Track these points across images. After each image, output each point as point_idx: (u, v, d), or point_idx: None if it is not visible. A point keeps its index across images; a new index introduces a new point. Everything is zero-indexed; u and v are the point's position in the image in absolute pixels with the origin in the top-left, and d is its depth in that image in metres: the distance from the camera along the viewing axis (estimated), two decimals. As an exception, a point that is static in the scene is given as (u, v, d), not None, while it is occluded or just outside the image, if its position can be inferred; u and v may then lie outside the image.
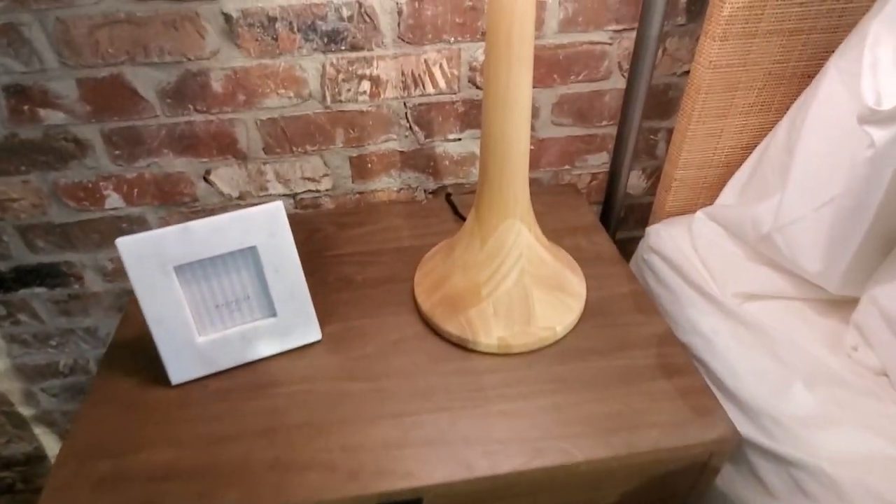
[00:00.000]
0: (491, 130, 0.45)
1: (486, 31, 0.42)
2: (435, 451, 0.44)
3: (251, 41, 0.62)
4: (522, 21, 0.39)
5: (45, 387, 0.92)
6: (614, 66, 0.70)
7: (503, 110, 0.43)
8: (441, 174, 0.76)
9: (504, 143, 0.45)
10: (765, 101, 0.68)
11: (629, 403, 0.47)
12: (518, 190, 0.49)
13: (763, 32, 0.62)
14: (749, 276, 0.62)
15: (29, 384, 0.91)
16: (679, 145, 0.72)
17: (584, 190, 0.81)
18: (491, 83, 0.43)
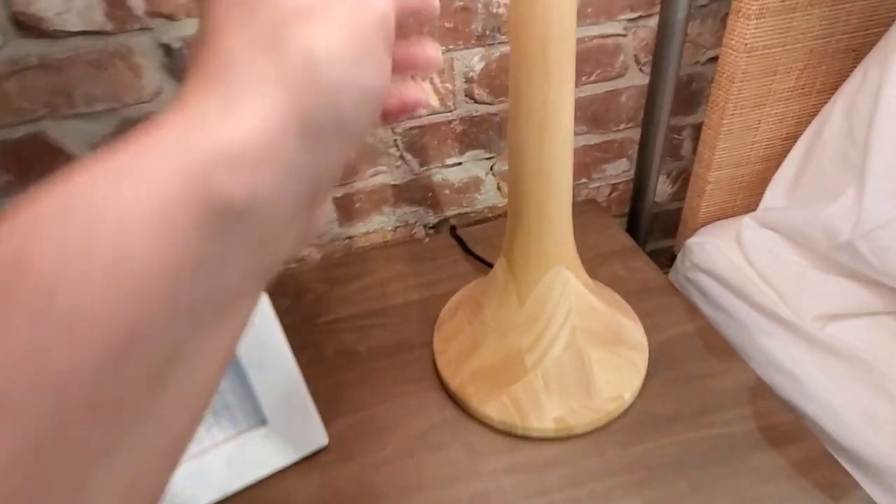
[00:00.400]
0: (523, 160, 0.35)
1: (511, 33, 0.31)
2: None
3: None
4: (562, 13, 0.29)
5: None
6: (630, 61, 0.60)
7: (539, 133, 0.33)
8: (442, 205, 0.66)
9: (542, 174, 0.35)
10: (806, 83, 0.59)
11: (737, 490, 0.36)
12: (562, 231, 0.38)
13: (804, 4, 0.53)
14: (827, 292, 0.52)
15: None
16: (711, 143, 0.62)
17: (605, 203, 0.71)
18: (521, 99, 0.32)
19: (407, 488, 0.39)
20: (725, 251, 0.60)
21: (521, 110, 0.32)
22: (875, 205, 0.47)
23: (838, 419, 0.45)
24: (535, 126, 0.33)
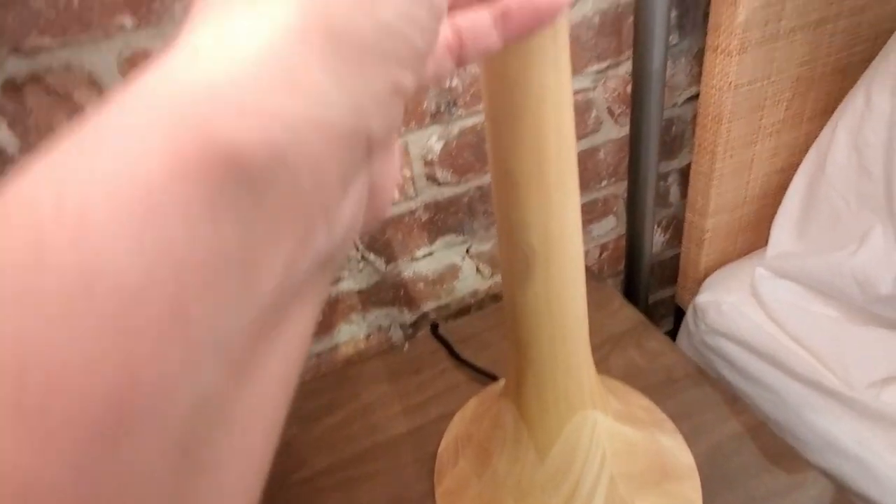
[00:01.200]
0: (525, 299, 0.27)
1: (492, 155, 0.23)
2: None
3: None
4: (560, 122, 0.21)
5: None
6: (604, 114, 0.53)
7: (545, 269, 0.25)
8: (417, 301, 0.57)
9: (551, 314, 0.27)
10: (796, 112, 0.54)
11: None
12: (584, 370, 0.30)
13: (786, 32, 0.48)
14: (873, 351, 0.45)
15: None
16: (704, 189, 0.56)
17: (595, 266, 0.64)
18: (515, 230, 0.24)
19: None
20: (744, 309, 0.53)
21: (515, 244, 0.24)
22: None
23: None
24: (537, 261, 0.25)
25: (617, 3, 0.47)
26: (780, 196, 0.57)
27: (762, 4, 0.45)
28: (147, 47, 0.36)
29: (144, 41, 0.36)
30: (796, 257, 0.52)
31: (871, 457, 0.41)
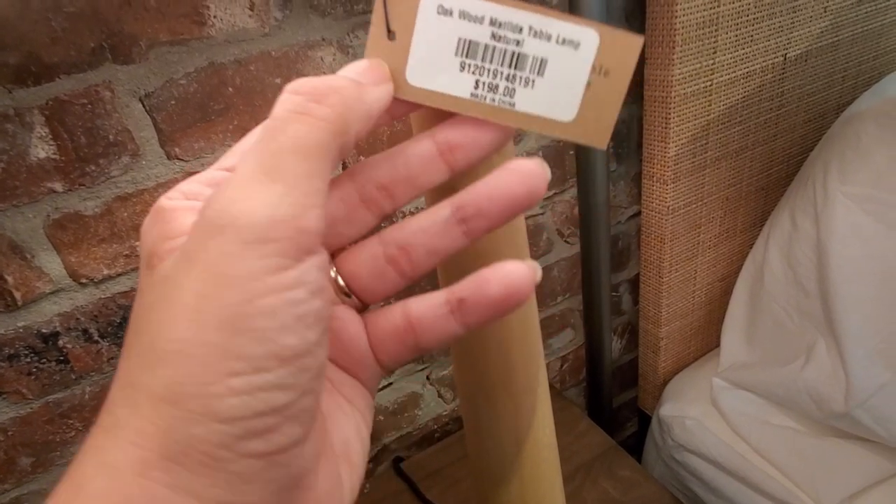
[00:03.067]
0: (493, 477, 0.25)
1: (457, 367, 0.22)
2: None
3: (20, 378, 0.37)
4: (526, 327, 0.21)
5: None
6: (554, 236, 0.55)
7: (518, 474, 0.23)
8: (377, 434, 0.53)
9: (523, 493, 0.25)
10: (729, 227, 0.58)
11: None
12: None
13: (712, 161, 0.52)
14: (838, 466, 0.46)
15: None
16: (655, 300, 0.58)
17: (557, 379, 0.63)
18: (484, 436, 0.23)
19: None
20: (707, 423, 0.53)
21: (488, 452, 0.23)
22: (861, 370, 0.42)
23: None
24: (508, 463, 0.23)
25: (559, 139, 0.50)
26: (726, 300, 0.59)
27: (689, 139, 0.49)
28: (79, 209, 0.34)
29: (76, 203, 0.34)
30: (749, 368, 0.53)
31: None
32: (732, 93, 0.49)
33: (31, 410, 0.38)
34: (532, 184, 0.14)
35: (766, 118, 0.53)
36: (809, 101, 0.55)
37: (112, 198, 0.35)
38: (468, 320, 0.14)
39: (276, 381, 0.11)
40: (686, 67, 0.46)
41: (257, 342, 0.11)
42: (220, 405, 0.11)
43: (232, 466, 0.11)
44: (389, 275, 0.15)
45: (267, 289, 0.11)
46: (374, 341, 0.15)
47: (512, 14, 0.14)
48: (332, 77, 0.13)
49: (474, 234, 0.15)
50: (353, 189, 0.15)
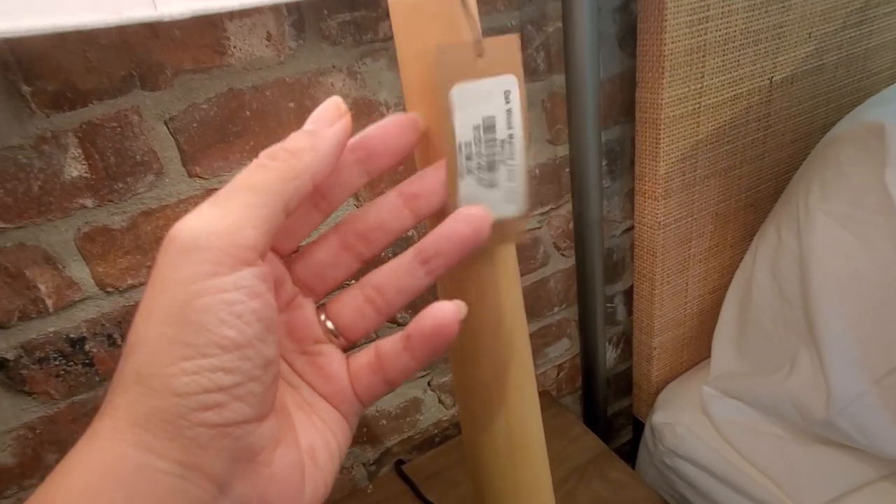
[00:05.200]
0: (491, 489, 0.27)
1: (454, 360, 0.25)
2: None
3: (49, 383, 0.39)
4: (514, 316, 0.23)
5: None
6: (551, 249, 0.57)
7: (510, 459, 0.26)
8: (380, 437, 0.56)
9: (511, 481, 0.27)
10: (718, 242, 0.60)
11: None
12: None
13: (701, 178, 0.54)
14: (820, 471, 0.48)
15: None
16: (648, 311, 0.60)
17: (553, 386, 0.66)
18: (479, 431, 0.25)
19: None
20: (697, 430, 0.55)
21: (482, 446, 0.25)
22: (841, 380, 0.45)
23: None
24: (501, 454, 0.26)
25: (555, 157, 0.53)
26: (716, 312, 0.61)
27: (679, 158, 0.52)
28: (107, 223, 0.37)
29: (104, 217, 0.37)
30: (738, 377, 0.56)
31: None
32: (720, 115, 0.52)
33: (58, 410, 0.40)
34: (477, 225, 0.18)
35: (754, 138, 0.56)
36: (795, 122, 0.58)
37: (137, 213, 0.38)
38: (416, 353, 0.18)
39: (220, 364, 0.14)
40: (675, 91, 0.48)
41: (199, 333, 0.14)
42: (175, 382, 0.14)
43: (188, 433, 0.14)
44: (368, 313, 0.19)
45: (203, 290, 0.14)
46: (352, 376, 0.19)
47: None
48: (291, 136, 0.17)
49: (435, 272, 0.18)
50: (337, 239, 0.19)
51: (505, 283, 0.23)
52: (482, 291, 0.22)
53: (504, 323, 0.23)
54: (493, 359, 0.24)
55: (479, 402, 0.25)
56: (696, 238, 0.58)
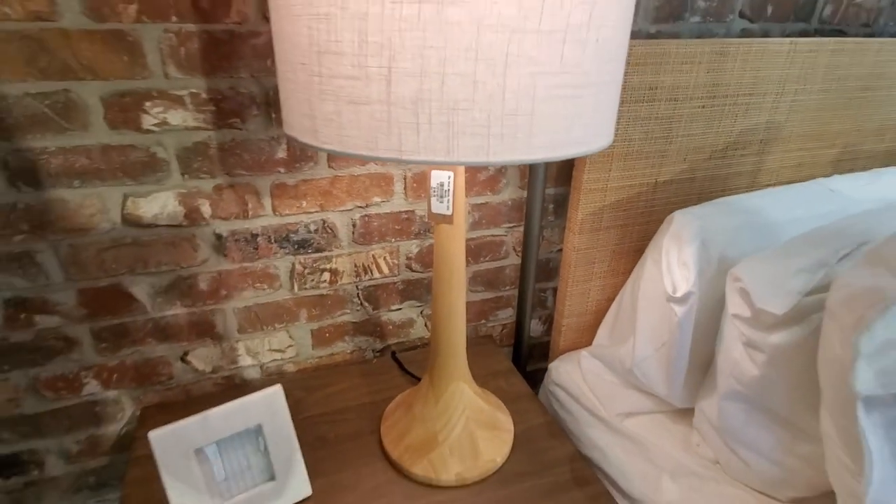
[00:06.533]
0: (439, 327, 0.65)
1: (434, 270, 0.63)
2: (421, 577, 0.57)
3: (235, 252, 0.79)
4: (457, 265, 0.61)
5: (-30, 591, 0.87)
6: (510, 249, 0.95)
7: (448, 317, 0.64)
8: (386, 336, 0.94)
9: (448, 334, 0.65)
10: (613, 269, 0.97)
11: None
12: (461, 360, 0.68)
13: (604, 227, 0.92)
14: (624, 400, 0.85)
15: (-50, 592, 0.86)
16: (563, 301, 0.97)
17: (498, 337, 1.03)
18: (438, 299, 0.64)
19: (364, 521, 0.63)
20: (572, 374, 0.92)
21: (437, 303, 0.63)
22: (640, 346, 0.82)
23: (625, 477, 0.75)
24: (444, 311, 0.64)
25: (521, 198, 0.91)
26: (605, 312, 0.98)
27: (590, 213, 0.89)
28: (285, 181, 0.77)
29: (285, 178, 0.77)
30: (604, 348, 0.93)
31: (610, 452, 0.79)
32: (619, 194, 0.90)
33: (232, 269, 0.79)
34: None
35: (642, 211, 0.93)
36: (672, 207, 0.95)
37: (300, 180, 0.77)
38: None
39: None
40: (591, 176, 0.86)
41: None
42: None
43: None
44: None
45: None
46: None
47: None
48: None
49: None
50: None
51: (453, 251, 0.61)
52: (447, 249, 0.61)
53: (452, 270, 0.61)
54: (448, 277, 0.62)
55: (441, 292, 0.63)
56: (597, 263, 0.95)
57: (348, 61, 0.38)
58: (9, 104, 0.62)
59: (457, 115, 0.37)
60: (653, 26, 0.86)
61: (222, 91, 0.69)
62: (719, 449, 0.73)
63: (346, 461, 0.71)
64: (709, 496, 0.70)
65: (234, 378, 0.87)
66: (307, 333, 0.88)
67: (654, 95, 0.83)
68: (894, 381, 0.42)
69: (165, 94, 0.66)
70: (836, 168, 1.06)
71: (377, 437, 0.74)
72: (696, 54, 0.83)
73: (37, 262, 0.70)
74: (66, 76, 0.62)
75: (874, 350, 0.43)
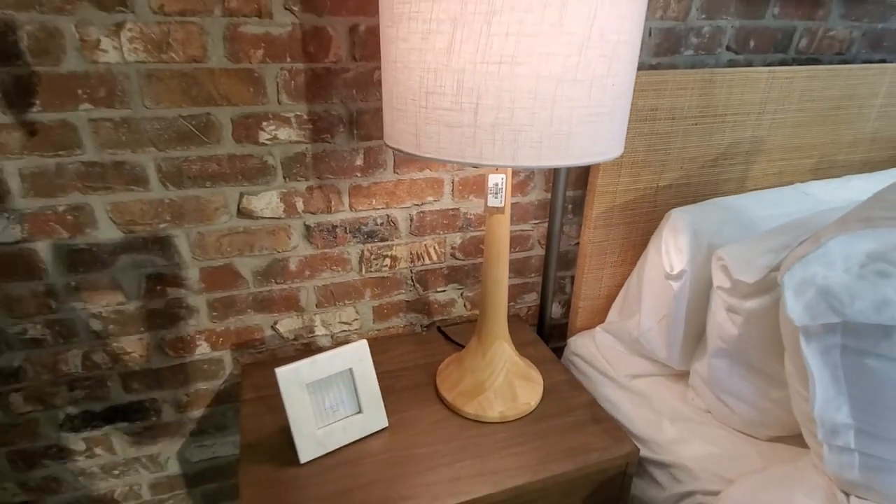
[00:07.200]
0: (488, 296, 0.84)
1: (485, 250, 0.83)
2: (473, 480, 0.75)
3: (319, 239, 0.98)
4: (503, 246, 0.81)
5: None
6: (535, 242, 1.14)
7: (494, 287, 0.83)
8: (432, 314, 1.13)
9: (494, 301, 0.84)
10: (623, 259, 1.16)
11: (579, 440, 0.82)
12: (503, 323, 0.87)
13: (615, 224, 1.11)
14: (632, 364, 1.03)
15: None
16: (580, 286, 1.16)
17: (525, 317, 1.22)
18: (488, 273, 0.83)
19: (430, 443, 0.81)
20: (588, 346, 1.11)
21: (490, 275, 0.82)
22: (644, 320, 1.00)
23: (632, 422, 0.93)
24: (492, 283, 0.83)
25: (546, 197, 1.10)
26: (616, 295, 1.17)
27: (603, 212, 1.08)
28: (360, 184, 0.97)
29: (360, 181, 0.96)
30: (615, 324, 1.11)
31: (620, 405, 0.97)
32: (627, 196, 1.09)
33: (315, 253, 0.99)
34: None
35: (647, 210, 1.12)
36: (672, 207, 1.14)
37: (372, 182, 0.97)
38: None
39: None
40: (604, 181, 1.05)
41: None
42: None
43: None
44: None
45: None
46: None
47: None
48: None
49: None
50: None
51: (502, 235, 0.80)
52: (496, 234, 0.80)
53: (500, 251, 0.80)
54: (496, 256, 0.81)
55: (490, 268, 0.82)
56: (609, 254, 1.14)
57: (448, 99, 0.57)
58: (167, 124, 0.82)
59: (520, 135, 0.57)
60: (654, 59, 1.05)
61: (318, 113, 0.89)
62: (709, 399, 0.91)
63: (410, 404, 0.90)
64: (701, 435, 0.88)
65: (311, 345, 1.06)
66: (370, 309, 1.08)
67: (655, 115, 1.02)
68: (818, 313, 0.60)
69: (278, 115, 0.87)
70: (814, 175, 1.25)
71: (433, 388, 0.93)
72: (690, 81, 1.02)
73: (173, 244, 0.90)
74: (209, 103, 0.83)
75: (796, 285, 0.61)
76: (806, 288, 0.60)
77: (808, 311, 0.60)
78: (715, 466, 0.81)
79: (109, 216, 0.85)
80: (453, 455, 0.79)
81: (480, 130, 0.57)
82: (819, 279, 0.59)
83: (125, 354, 0.95)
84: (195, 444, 1.07)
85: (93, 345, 0.92)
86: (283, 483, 0.75)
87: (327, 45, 0.85)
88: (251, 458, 0.79)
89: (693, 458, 0.83)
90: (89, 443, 1.00)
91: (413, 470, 0.77)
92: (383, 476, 0.76)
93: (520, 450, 0.80)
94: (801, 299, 0.61)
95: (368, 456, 0.79)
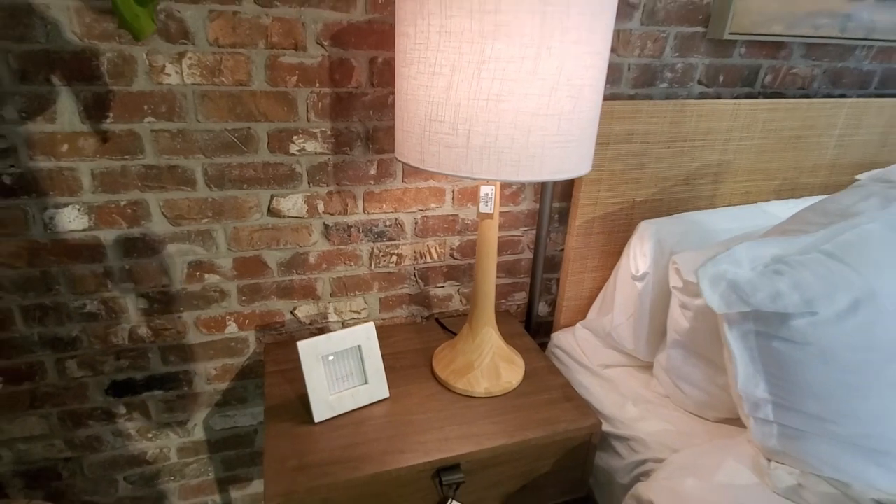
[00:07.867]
0: (478, 288, 0.99)
1: (477, 249, 0.98)
2: (459, 440, 0.90)
3: (336, 237, 1.14)
4: (492, 247, 0.96)
5: (128, 475, 1.21)
6: (525, 247, 1.29)
7: (484, 280, 0.98)
8: (431, 307, 1.28)
9: (484, 293, 0.99)
10: (602, 264, 1.31)
11: (551, 413, 0.97)
12: (490, 311, 1.02)
13: (595, 233, 1.26)
14: (605, 355, 1.17)
15: (113, 472, 1.20)
16: (564, 287, 1.31)
17: (515, 313, 1.36)
18: (480, 268, 0.98)
19: (424, 411, 0.96)
20: (569, 339, 1.25)
21: (481, 271, 0.97)
22: (616, 317, 1.14)
23: (601, 403, 1.07)
24: (482, 278, 0.97)
25: (535, 207, 1.25)
26: (596, 296, 1.31)
27: (584, 222, 1.23)
28: (374, 190, 1.12)
29: (373, 188, 1.12)
30: (594, 321, 1.26)
31: (592, 389, 1.11)
32: (606, 209, 1.24)
33: (331, 249, 1.14)
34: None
35: (623, 222, 1.27)
36: (647, 218, 1.28)
37: (384, 189, 1.13)
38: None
39: None
40: (586, 194, 1.20)
41: None
42: None
43: None
44: None
45: None
46: None
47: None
48: None
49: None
50: None
51: (491, 237, 0.95)
52: (487, 236, 0.95)
53: (489, 250, 0.96)
54: (487, 254, 0.96)
55: (481, 264, 0.97)
56: (590, 259, 1.28)
57: (447, 126, 0.73)
58: (215, 135, 0.98)
59: (503, 155, 0.72)
60: (632, 90, 1.21)
61: (340, 130, 1.05)
62: (668, 385, 1.06)
63: (409, 380, 1.04)
64: (658, 415, 1.02)
65: (324, 330, 1.22)
66: (377, 301, 1.23)
67: (631, 139, 1.18)
68: (731, 302, 0.74)
69: (306, 131, 1.03)
70: (777, 196, 1.39)
71: (429, 368, 1.08)
72: (662, 111, 1.17)
73: (212, 236, 1.06)
74: (250, 119, 0.99)
75: (710, 278, 0.75)
76: (718, 281, 0.75)
77: (724, 300, 0.75)
78: (666, 440, 0.95)
79: (162, 211, 1.01)
80: (444, 421, 0.94)
81: (472, 151, 0.73)
82: (729, 275, 0.73)
83: (165, 330, 1.10)
84: (219, 413, 1.22)
85: (139, 321, 1.08)
86: (300, 437, 0.90)
87: (350, 73, 1.01)
88: (274, 417, 0.94)
89: (649, 433, 0.98)
90: (129, 407, 1.15)
91: (409, 431, 0.91)
92: (384, 435, 0.91)
93: (500, 419, 0.95)
94: (716, 290, 0.75)
95: (372, 419, 0.94)
